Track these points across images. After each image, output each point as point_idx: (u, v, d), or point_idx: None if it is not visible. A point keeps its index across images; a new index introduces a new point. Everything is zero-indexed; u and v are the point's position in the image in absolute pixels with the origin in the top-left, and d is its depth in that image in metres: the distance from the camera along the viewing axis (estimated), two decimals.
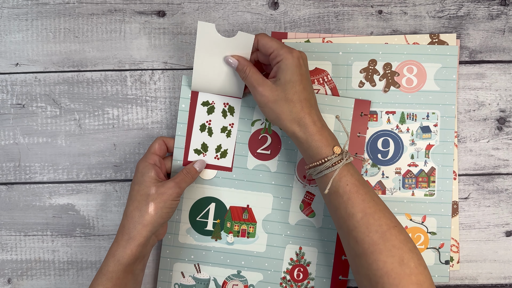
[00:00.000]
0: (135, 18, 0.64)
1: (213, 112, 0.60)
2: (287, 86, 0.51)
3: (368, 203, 0.50)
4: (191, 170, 0.58)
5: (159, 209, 0.53)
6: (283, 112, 0.52)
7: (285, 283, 0.62)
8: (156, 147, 0.58)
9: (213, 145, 0.61)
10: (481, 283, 0.64)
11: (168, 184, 0.54)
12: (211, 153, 0.61)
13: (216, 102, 0.60)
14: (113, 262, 0.52)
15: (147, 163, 0.56)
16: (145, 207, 0.53)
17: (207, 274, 0.62)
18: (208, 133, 0.60)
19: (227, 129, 0.61)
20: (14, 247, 0.64)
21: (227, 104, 0.61)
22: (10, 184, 0.64)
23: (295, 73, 0.51)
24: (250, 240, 0.62)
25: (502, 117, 0.64)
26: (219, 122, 0.61)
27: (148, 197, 0.53)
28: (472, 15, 0.64)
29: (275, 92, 0.52)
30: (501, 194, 0.64)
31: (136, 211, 0.53)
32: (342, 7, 0.63)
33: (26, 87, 0.64)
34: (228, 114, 0.61)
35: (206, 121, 0.60)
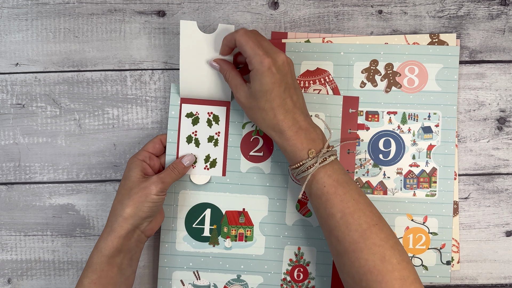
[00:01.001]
0: (135, 18, 0.64)
1: (198, 122, 0.61)
2: (258, 95, 0.52)
3: (347, 203, 0.50)
4: (178, 165, 0.58)
5: (140, 203, 0.53)
6: (257, 118, 0.53)
7: (285, 284, 0.62)
8: (149, 145, 0.59)
9: (201, 156, 0.61)
10: (481, 283, 0.64)
11: (151, 179, 0.54)
12: (200, 164, 0.61)
13: (200, 112, 0.61)
14: (96, 254, 0.52)
15: (135, 158, 0.57)
16: (126, 200, 0.53)
17: (207, 281, 0.62)
18: (195, 144, 0.61)
19: (214, 138, 0.61)
20: (14, 247, 0.64)
21: (211, 113, 0.61)
22: (10, 184, 0.64)
23: (266, 83, 0.51)
24: (248, 244, 0.62)
25: (502, 117, 0.64)
26: (205, 132, 0.61)
27: (130, 190, 0.54)
28: (472, 15, 0.64)
29: (249, 99, 0.53)
30: (501, 194, 0.64)
31: (118, 204, 0.54)
32: (342, 7, 0.63)
33: (26, 87, 0.64)
34: (213, 123, 0.61)
35: (192, 132, 0.61)
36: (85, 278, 0.52)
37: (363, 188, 0.63)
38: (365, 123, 0.63)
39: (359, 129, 0.63)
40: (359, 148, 0.63)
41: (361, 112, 0.63)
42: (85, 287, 0.52)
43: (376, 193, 0.63)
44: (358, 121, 0.63)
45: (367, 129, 0.63)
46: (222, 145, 0.61)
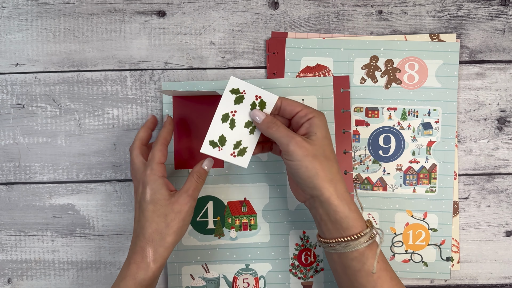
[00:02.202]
0: (135, 18, 0.64)
1: (241, 102, 0.53)
2: (324, 142, 0.49)
3: (395, 280, 0.49)
4: (201, 173, 0.54)
5: (179, 229, 0.52)
6: (322, 169, 0.48)
7: (294, 269, 0.63)
8: (159, 154, 0.54)
9: (232, 140, 0.53)
10: (481, 283, 0.64)
11: (183, 199, 0.52)
12: (228, 148, 0.53)
13: (247, 92, 0.53)
14: (135, 285, 0.50)
15: (156, 176, 0.52)
16: (165, 229, 0.51)
17: (216, 273, 0.63)
18: (230, 125, 0.53)
19: (252, 125, 0.53)
20: (14, 247, 0.64)
21: (259, 98, 0.53)
22: (10, 184, 0.64)
23: (328, 132, 0.50)
24: (252, 232, 0.63)
25: (502, 117, 0.64)
26: (245, 115, 0.53)
27: (166, 217, 0.51)
28: (472, 15, 0.64)
29: (314, 146, 0.48)
30: (501, 194, 0.64)
31: (156, 234, 0.51)
32: (342, 7, 0.63)
33: (26, 87, 0.64)
34: (258, 108, 0.53)
35: (230, 111, 0.53)
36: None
37: (363, 185, 0.63)
38: (365, 119, 0.63)
39: (359, 125, 0.63)
40: (359, 144, 0.63)
41: (361, 108, 0.63)
42: None
43: (376, 189, 0.63)
44: (358, 118, 0.63)
45: (367, 125, 0.63)
46: (258, 135, 0.54)
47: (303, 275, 0.63)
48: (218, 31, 0.63)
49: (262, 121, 0.52)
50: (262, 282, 0.63)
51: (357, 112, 0.63)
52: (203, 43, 0.63)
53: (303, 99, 0.62)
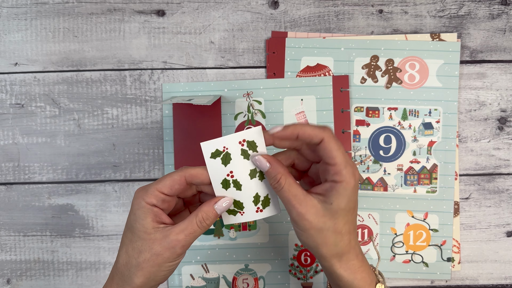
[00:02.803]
0: (135, 18, 0.63)
1: (231, 159, 0.45)
2: (339, 214, 0.41)
3: None
4: (209, 217, 0.43)
5: (152, 275, 0.42)
6: (326, 244, 0.42)
7: (294, 269, 0.63)
8: (166, 183, 0.42)
9: (248, 198, 0.45)
10: (482, 283, 0.64)
11: (168, 242, 0.41)
12: (249, 208, 0.46)
13: (228, 145, 0.44)
14: None
15: (143, 202, 0.42)
16: (134, 268, 0.42)
17: (216, 273, 0.63)
18: (235, 187, 0.45)
19: (257, 171, 0.45)
20: (14, 248, 0.64)
21: (244, 142, 0.44)
22: (9, 184, 0.64)
23: (352, 200, 0.41)
24: (252, 233, 0.62)
25: (503, 117, 0.63)
26: (243, 168, 0.45)
27: (140, 255, 0.41)
28: (473, 14, 0.63)
29: (322, 218, 0.41)
30: (502, 194, 0.64)
31: (125, 268, 0.42)
32: (343, 6, 0.63)
33: (25, 87, 0.64)
34: (250, 152, 0.45)
35: (226, 174, 0.45)
36: None
37: (364, 185, 0.63)
38: (365, 119, 0.63)
39: (359, 125, 0.63)
40: (359, 144, 0.63)
41: (361, 108, 0.63)
42: None
43: (376, 189, 0.63)
44: (359, 117, 0.63)
45: (368, 125, 0.63)
46: None
47: (303, 275, 0.63)
48: (218, 30, 0.63)
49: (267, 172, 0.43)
50: (262, 283, 0.63)
51: (358, 112, 0.63)
52: (203, 42, 0.63)
53: (302, 99, 0.62)
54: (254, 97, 0.63)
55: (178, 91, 0.63)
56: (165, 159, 0.62)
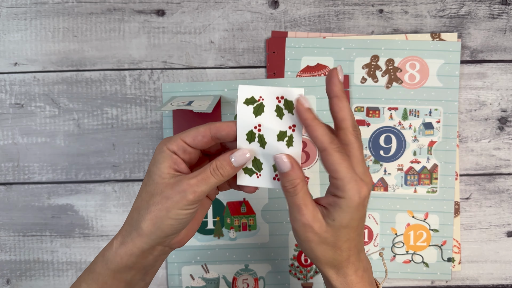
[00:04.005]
0: (134, 17, 0.63)
1: (263, 112, 0.41)
2: (341, 231, 0.39)
3: None
4: (223, 167, 0.40)
5: (159, 220, 0.39)
6: (324, 256, 0.41)
7: (294, 269, 0.62)
8: (190, 133, 0.41)
9: (269, 160, 0.42)
10: (482, 283, 0.64)
11: (179, 186, 0.39)
12: (267, 171, 0.42)
13: (265, 97, 0.41)
14: (101, 263, 0.42)
15: (164, 147, 0.41)
16: (144, 211, 0.40)
17: (216, 273, 0.63)
18: (259, 143, 0.41)
19: (287, 135, 0.41)
20: (13, 248, 0.64)
21: (282, 99, 0.41)
22: (9, 184, 0.64)
23: (355, 218, 0.39)
24: (252, 233, 0.62)
25: (504, 117, 0.63)
26: (273, 125, 0.41)
27: (151, 198, 0.40)
28: (473, 14, 0.63)
29: (324, 234, 0.39)
30: (502, 194, 0.64)
31: (136, 211, 0.41)
32: (343, 6, 0.63)
33: (25, 87, 0.63)
34: (285, 112, 0.41)
35: (254, 126, 0.41)
36: (84, 283, 0.42)
37: None
38: (365, 119, 0.63)
39: (359, 125, 0.63)
40: None
41: (361, 108, 0.63)
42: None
43: (376, 189, 0.63)
44: (359, 117, 0.62)
45: (368, 125, 0.63)
46: (298, 145, 0.41)
47: (303, 276, 0.63)
48: (218, 30, 0.63)
49: (287, 174, 0.40)
50: (262, 283, 0.63)
51: (358, 112, 0.63)
52: (203, 42, 0.63)
53: None
54: None
55: (178, 91, 0.62)
56: None
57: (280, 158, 0.40)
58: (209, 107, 0.55)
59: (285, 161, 0.40)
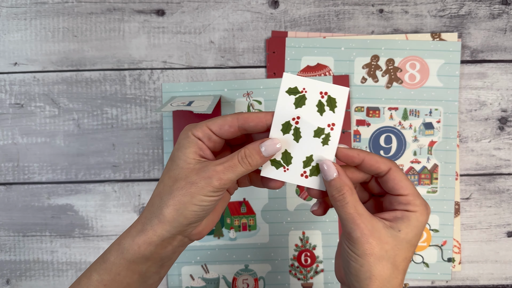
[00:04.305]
0: (134, 17, 0.63)
1: (304, 104, 0.40)
2: (403, 245, 0.37)
3: None
4: (251, 155, 0.38)
5: (182, 205, 0.38)
6: (381, 277, 0.37)
7: (294, 270, 0.62)
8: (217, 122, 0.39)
9: (300, 155, 0.40)
10: (483, 284, 0.64)
11: (205, 172, 0.37)
12: (296, 167, 0.40)
13: (309, 89, 0.40)
14: (116, 252, 0.39)
15: (189, 133, 0.39)
16: (166, 196, 0.38)
17: (216, 273, 0.63)
18: (294, 136, 0.40)
19: (324, 132, 0.40)
20: (13, 248, 0.64)
21: (326, 94, 0.40)
22: (9, 185, 0.64)
23: (418, 235, 0.38)
24: (252, 233, 0.62)
25: (504, 117, 0.63)
26: (311, 121, 0.40)
27: (175, 183, 0.38)
28: (473, 14, 0.63)
29: (386, 245, 0.36)
30: (502, 195, 0.63)
31: (158, 197, 0.39)
32: (343, 6, 0.63)
33: (25, 87, 0.63)
34: (326, 109, 0.40)
35: (292, 117, 0.40)
36: (95, 273, 0.40)
37: None
38: (366, 119, 0.63)
39: (359, 125, 0.62)
40: (360, 144, 0.63)
41: (362, 108, 0.63)
42: (93, 284, 0.39)
43: None
44: (359, 117, 0.62)
45: (368, 125, 0.62)
46: (334, 145, 0.40)
47: (303, 276, 0.62)
48: (218, 30, 0.63)
49: (333, 181, 0.38)
50: (262, 283, 0.62)
51: (358, 111, 0.62)
52: (203, 42, 0.63)
53: None
54: (254, 97, 0.62)
55: (178, 91, 0.62)
56: (165, 159, 0.62)
57: (325, 165, 0.38)
58: (209, 107, 0.54)
59: (331, 167, 0.38)
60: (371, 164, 0.39)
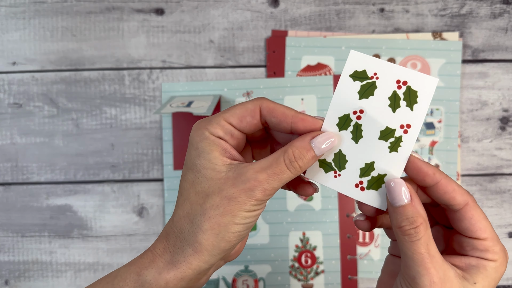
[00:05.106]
0: (134, 16, 0.63)
1: (372, 95, 0.31)
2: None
3: None
4: (302, 155, 0.30)
5: (223, 228, 0.30)
6: None
7: (294, 271, 0.62)
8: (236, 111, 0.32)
9: (357, 161, 0.31)
10: None
11: (245, 183, 0.30)
12: (351, 174, 0.32)
13: (381, 75, 0.30)
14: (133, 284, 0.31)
15: (207, 133, 0.31)
16: (199, 218, 0.30)
17: (216, 274, 0.62)
18: (352, 133, 0.31)
19: (395, 135, 0.30)
20: (12, 248, 0.64)
21: (405, 84, 0.30)
22: (7, 185, 0.64)
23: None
24: (252, 233, 0.62)
25: (505, 117, 0.63)
26: (379, 117, 0.30)
27: (206, 200, 0.30)
28: (474, 13, 0.63)
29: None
30: (504, 195, 0.63)
31: (186, 219, 0.31)
32: (344, 5, 0.63)
33: (24, 87, 0.63)
34: (402, 104, 0.30)
35: (353, 110, 0.31)
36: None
37: None
38: None
39: None
40: None
41: None
42: None
43: None
44: None
45: None
46: (405, 154, 0.30)
47: (303, 277, 0.62)
48: (218, 29, 0.63)
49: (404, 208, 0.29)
50: (262, 284, 0.62)
51: None
52: (202, 41, 0.63)
53: (303, 98, 0.61)
54: (254, 97, 0.62)
55: (177, 90, 0.62)
56: (164, 159, 0.62)
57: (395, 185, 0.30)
58: (209, 109, 0.54)
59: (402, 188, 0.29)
60: (446, 192, 0.30)
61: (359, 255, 0.62)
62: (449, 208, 0.31)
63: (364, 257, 0.62)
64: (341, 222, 0.62)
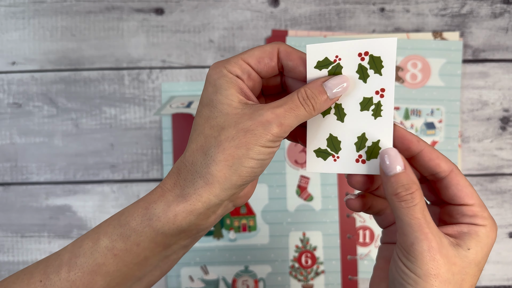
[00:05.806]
0: (133, 16, 0.63)
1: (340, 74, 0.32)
2: (470, 269, 0.30)
3: None
4: (315, 95, 0.31)
5: (236, 160, 0.29)
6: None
7: (294, 271, 0.62)
8: (255, 53, 0.32)
9: (349, 137, 0.32)
10: (484, 284, 0.63)
11: (262, 116, 0.29)
12: (348, 151, 0.32)
13: (342, 56, 0.31)
14: (140, 218, 0.31)
15: (225, 71, 0.31)
16: (214, 150, 0.30)
17: (215, 275, 0.62)
18: (336, 115, 0.32)
19: (373, 102, 0.31)
20: (11, 249, 0.64)
21: (367, 55, 0.31)
22: (7, 185, 0.63)
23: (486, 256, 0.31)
24: (252, 234, 0.62)
25: (506, 117, 0.63)
26: (355, 92, 0.32)
27: (221, 132, 0.30)
28: (475, 13, 0.63)
29: (453, 268, 0.29)
30: (504, 195, 0.63)
31: (199, 151, 0.31)
32: (344, 4, 0.63)
33: (23, 86, 0.63)
34: (370, 72, 0.31)
35: None
36: (105, 238, 0.31)
37: None
38: None
39: None
40: None
41: None
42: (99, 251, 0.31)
43: None
44: None
45: None
46: (389, 115, 0.31)
47: (304, 277, 0.62)
48: (217, 29, 0.63)
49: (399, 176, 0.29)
50: (262, 284, 0.62)
51: None
52: (202, 41, 0.63)
53: None
54: None
55: (177, 90, 0.62)
56: (164, 159, 0.62)
57: (388, 155, 0.30)
58: None
59: (395, 157, 0.30)
60: (431, 159, 0.31)
61: (359, 255, 0.62)
62: (435, 177, 0.31)
63: (364, 257, 0.62)
64: (341, 222, 0.61)
